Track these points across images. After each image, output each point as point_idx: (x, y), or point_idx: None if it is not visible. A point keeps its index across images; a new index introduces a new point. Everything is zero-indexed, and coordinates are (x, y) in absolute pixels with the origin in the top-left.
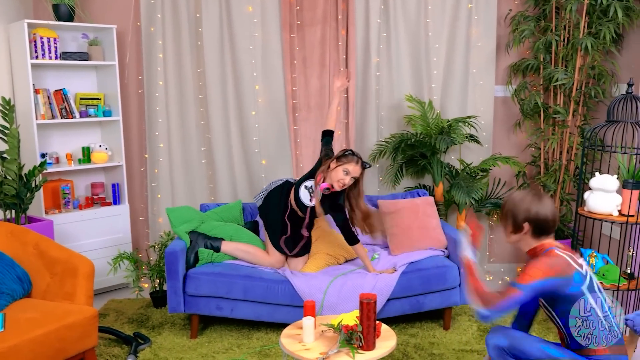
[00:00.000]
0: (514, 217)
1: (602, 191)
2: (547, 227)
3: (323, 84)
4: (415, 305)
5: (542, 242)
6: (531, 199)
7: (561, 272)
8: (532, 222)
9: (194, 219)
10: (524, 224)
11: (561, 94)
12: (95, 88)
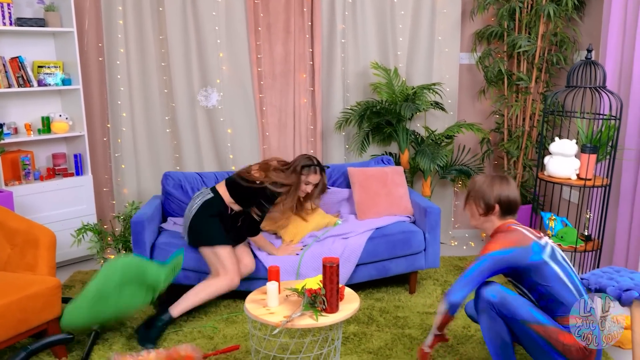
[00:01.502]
0: (484, 199)
1: (561, 156)
2: (514, 207)
3: (288, 51)
4: (382, 270)
5: (505, 221)
6: (500, 182)
7: (518, 242)
8: (502, 203)
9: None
10: (495, 204)
11: (524, 61)
12: (53, 56)
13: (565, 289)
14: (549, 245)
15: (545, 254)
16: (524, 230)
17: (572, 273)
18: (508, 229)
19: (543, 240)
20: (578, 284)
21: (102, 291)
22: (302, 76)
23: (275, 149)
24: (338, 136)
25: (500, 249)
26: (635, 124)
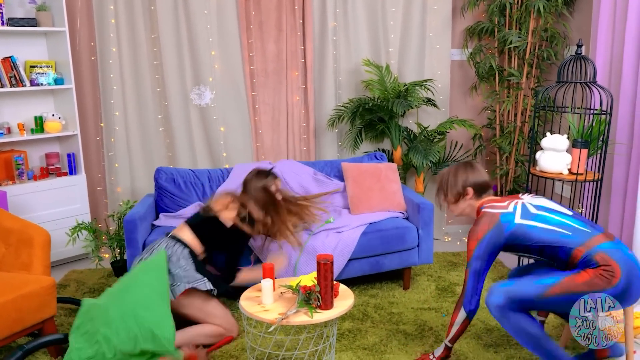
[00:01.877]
0: (454, 186)
1: (553, 151)
2: (486, 185)
3: (280, 48)
4: (375, 265)
5: (481, 200)
6: (463, 167)
7: (488, 225)
8: (473, 185)
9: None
10: (467, 188)
11: (515, 56)
12: (45, 55)
13: (552, 234)
14: (518, 206)
15: (516, 217)
16: (491, 209)
17: (550, 215)
18: (478, 216)
19: (511, 206)
20: (562, 220)
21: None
22: (295, 74)
23: (269, 146)
24: (331, 133)
25: (476, 245)
26: (625, 119)
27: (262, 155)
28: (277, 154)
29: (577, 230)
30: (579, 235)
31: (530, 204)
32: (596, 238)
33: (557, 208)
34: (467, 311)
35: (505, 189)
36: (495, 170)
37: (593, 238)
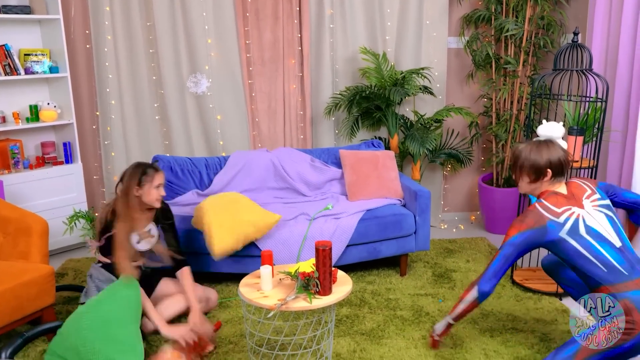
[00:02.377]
0: (534, 166)
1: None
2: (564, 168)
3: (276, 36)
4: (373, 252)
5: (551, 187)
6: (547, 147)
7: (533, 224)
8: (553, 167)
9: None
10: (547, 170)
11: (512, 44)
12: (39, 43)
13: (588, 263)
14: (571, 219)
15: (562, 231)
16: (545, 210)
17: (597, 245)
18: (529, 209)
19: (564, 216)
20: (604, 253)
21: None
22: (291, 62)
23: (265, 135)
24: (327, 121)
25: (516, 233)
26: (621, 106)
27: (259, 144)
28: (274, 142)
29: (615, 269)
30: (614, 275)
31: (585, 222)
32: (629, 284)
33: (608, 237)
34: (480, 291)
35: (502, 176)
36: (491, 157)
37: (626, 283)
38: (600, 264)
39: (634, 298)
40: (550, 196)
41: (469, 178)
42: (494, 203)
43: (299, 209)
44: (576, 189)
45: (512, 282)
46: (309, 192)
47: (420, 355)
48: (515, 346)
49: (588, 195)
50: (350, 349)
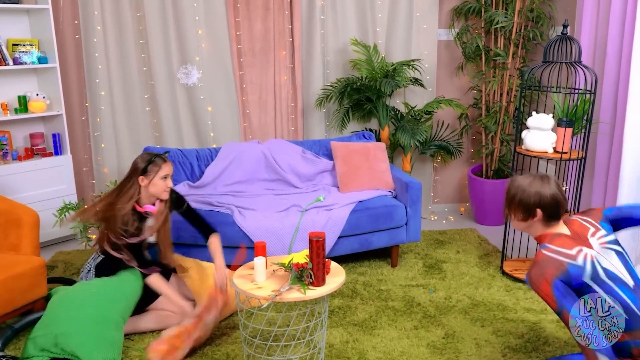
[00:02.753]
0: (524, 203)
1: (538, 130)
2: (559, 209)
3: (267, 27)
4: (364, 243)
5: (549, 229)
6: (540, 181)
7: (556, 270)
8: (545, 206)
9: None
10: (535, 209)
11: (501, 36)
12: (28, 33)
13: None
14: (588, 262)
15: (585, 276)
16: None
17: (617, 290)
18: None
19: (580, 258)
20: (626, 298)
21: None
22: (282, 53)
23: (256, 126)
24: (318, 113)
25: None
26: (609, 98)
27: (250, 135)
28: (265, 134)
29: (634, 314)
30: (634, 321)
31: (600, 264)
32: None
33: (623, 278)
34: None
35: (491, 168)
36: (480, 149)
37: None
38: (623, 310)
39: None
40: (555, 239)
41: (459, 170)
42: (483, 194)
43: (290, 200)
44: (579, 228)
45: (502, 273)
46: (300, 184)
47: (413, 345)
48: (506, 335)
49: (593, 233)
50: (343, 339)
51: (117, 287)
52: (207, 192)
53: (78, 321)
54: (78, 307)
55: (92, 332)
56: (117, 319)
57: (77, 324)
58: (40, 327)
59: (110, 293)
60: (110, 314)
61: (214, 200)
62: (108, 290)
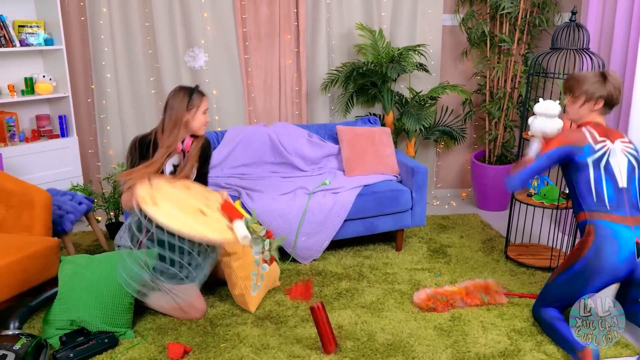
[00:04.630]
0: (589, 92)
1: (544, 116)
2: (614, 104)
3: (273, 11)
4: (370, 227)
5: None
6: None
7: (574, 141)
8: (608, 98)
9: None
10: (598, 99)
11: (507, 22)
12: (33, 15)
13: (586, 190)
14: (602, 151)
15: (590, 157)
16: (587, 133)
17: (603, 181)
18: (578, 128)
19: (599, 145)
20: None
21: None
22: (287, 37)
23: (261, 110)
24: (323, 97)
25: (557, 146)
26: None
27: (255, 119)
28: (270, 118)
29: (602, 202)
30: (598, 205)
31: (608, 157)
32: (603, 215)
33: (618, 177)
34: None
35: (494, 154)
36: (484, 135)
37: (601, 213)
38: (595, 194)
39: (599, 225)
40: (596, 126)
41: (461, 155)
42: (486, 180)
43: (296, 183)
44: (616, 131)
45: (507, 258)
46: (306, 167)
47: (420, 328)
48: (512, 319)
49: (622, 140)
50: (352, 321)
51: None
52: (214, 174)
53: (91, 308)
54: (90, 294)
55: (106, 314)
56: (130, 299)
57: (91, 310)
58: (56, 312)
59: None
60: (121, 295)
61: (222, 182)
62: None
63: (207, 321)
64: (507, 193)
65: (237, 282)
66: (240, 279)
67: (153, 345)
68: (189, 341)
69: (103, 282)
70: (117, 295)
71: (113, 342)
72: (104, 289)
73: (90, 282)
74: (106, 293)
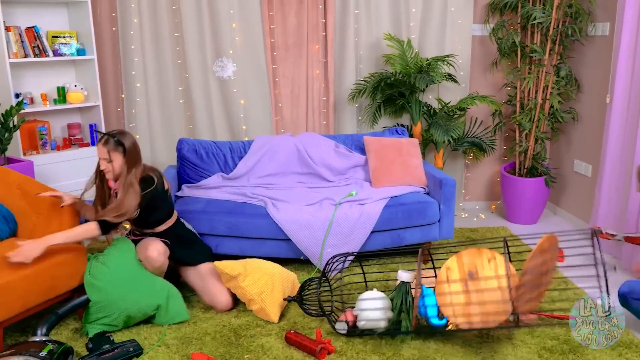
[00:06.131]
0: None
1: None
2: None
3: (301, 22)
4: (396, 239)
5: None
6: None
7: None
8: None
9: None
10: None
11: (538, 32)
12: (66, 26)
13: None
14: None
15: None
16: None
17: None
18: None
19: None
20: None
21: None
22: (315, 47)
23: (288, 120)
24: (350, 108)
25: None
26: None
27: (282, 129)
28: (296, 128)
29: None
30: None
31: None
32: None
33: None
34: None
35: (524, 166)
36: (514, 147)
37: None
38: None
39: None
40: None
41: (491, 167)
42: (516, 192)
43: (322, 194)
44: None
45: None
46: (332, 178)
47: (447, 344)
48: (542, 337)
49: None
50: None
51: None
52: (241, 183)
53: (125, 295)
54: (118, 284)
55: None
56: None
57: (126, 297)
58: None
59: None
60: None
61: (248, 192)
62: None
63: (232, 332)
64: (538, 206)
65: (252, 297)
66: (255, 294)
67: (177, 354)
68: (213, 351)
69: (124, 267)
70: (140, 272)
71: (138, 351)
72: (127, 272)
73: (112, 273)
74: (132, 274)
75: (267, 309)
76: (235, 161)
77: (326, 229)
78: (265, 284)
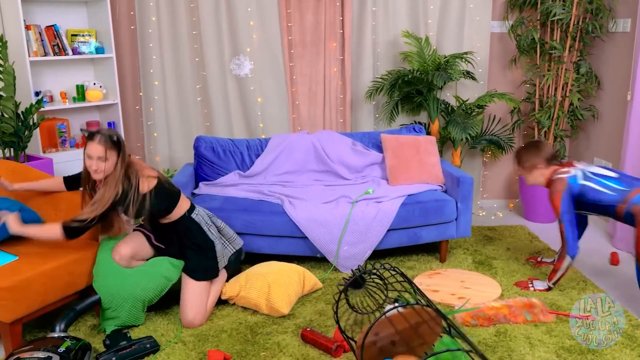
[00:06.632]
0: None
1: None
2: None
3: (318, 19)
4: (413, 237)
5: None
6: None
7: (563, 187)
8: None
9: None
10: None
11: (558, 29)
12: (85, 24)
13: (600, 193)
14: (578, 170)
15: (579, 178)
16: (560, 174)
17: (601, 179)
18: (553, 182)
19: (573, 170)
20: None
21: None
22: (333, 45)
23: (305, 118)
24: (367, 105)
25: (560, 202)
26: None
27: (299, 127)
28: (314, 126)
29: (618, 189)
30: (619, 194)
31: (587, 169)
32: (631, 193)
33: (606, 173)
34: (572, 255)
35: None
36: None
37: (629, 194)
38: (607, 190)
39: (638, 201)
40: (557, 170)
41: (509, 165)
42: (534, 191)
43: (339, 191)
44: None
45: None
46: (349, 175)
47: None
48: (560, 336)
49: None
50: None
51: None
52: (258, 181)
53: (131, 280)
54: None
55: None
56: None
57: (132, 282)
58: (107, 308)
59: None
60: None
61: (265, 189)
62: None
63: (248, 329)
64: None
65: (257, 302)
66: (257, 297)
67: (194, 351)
68: (229, 349)
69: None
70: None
71: (154, 347)
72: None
73: (102, 269)
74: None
75: (274, 305)
76: (252, 159)
77: (343, 226)
78: (262, 286)
